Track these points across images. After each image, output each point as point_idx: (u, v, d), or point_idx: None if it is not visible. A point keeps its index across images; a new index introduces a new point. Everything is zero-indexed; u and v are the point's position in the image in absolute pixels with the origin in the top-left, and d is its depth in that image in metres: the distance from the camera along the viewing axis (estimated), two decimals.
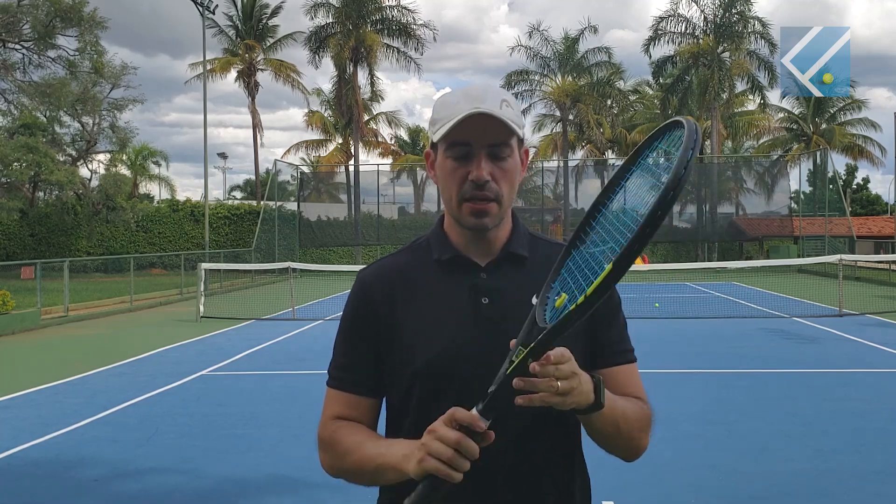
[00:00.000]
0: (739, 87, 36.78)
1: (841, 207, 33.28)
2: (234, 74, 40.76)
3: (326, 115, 45.52)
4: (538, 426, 1.43)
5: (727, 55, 35.03)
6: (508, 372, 1.22)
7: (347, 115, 37.80)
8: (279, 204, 33.74)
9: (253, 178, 50.72)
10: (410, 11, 35.71)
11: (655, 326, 13.34)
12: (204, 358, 10.83)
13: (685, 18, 35.29)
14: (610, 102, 41.10)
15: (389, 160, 49.30)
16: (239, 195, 67.95)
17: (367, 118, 42.85)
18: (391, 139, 52.18)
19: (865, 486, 5.23)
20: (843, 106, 43.29)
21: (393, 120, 48.12)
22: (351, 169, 39.21)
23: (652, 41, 35.86)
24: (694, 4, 34.94)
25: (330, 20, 35.26)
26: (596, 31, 38.59)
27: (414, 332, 1.46)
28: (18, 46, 27.79)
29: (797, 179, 45.83)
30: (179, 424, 7.11)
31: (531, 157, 36.24)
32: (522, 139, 1.49)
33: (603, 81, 39.53)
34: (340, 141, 45.50)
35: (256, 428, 6.64)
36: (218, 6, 32.30)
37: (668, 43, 35.84)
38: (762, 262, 28.07)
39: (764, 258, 34.74)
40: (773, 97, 39.25)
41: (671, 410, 7.13)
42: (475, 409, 1.22)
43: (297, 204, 36.18)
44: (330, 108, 44.16)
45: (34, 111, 29.67)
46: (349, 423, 1.49)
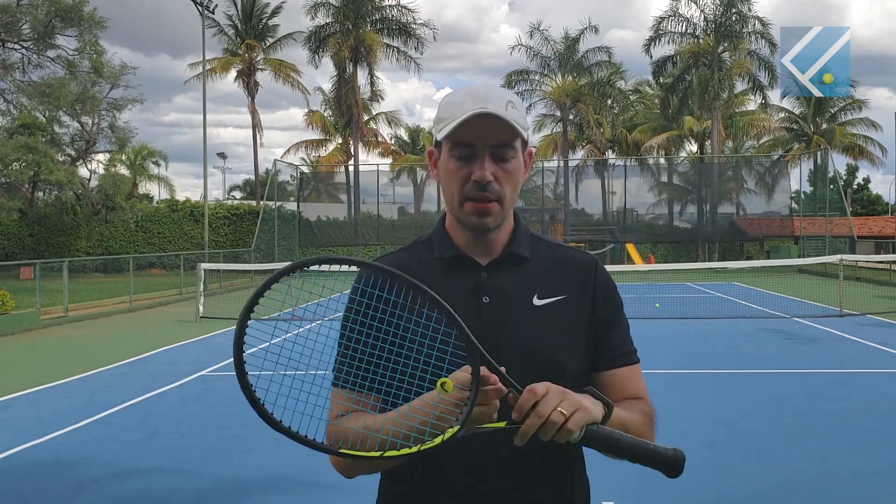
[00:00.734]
0: (740, 86, 36.81)
1: (841, 207, 33.28)
2: (233, 74, 40.79)
3: (326, 114, 45.52)
4: None
5: (727, 55, 35.03)
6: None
7: (347, 114, 37.79)
8: (279, 204, 33.74)
9: (252, 178, 50.78)
10: (410, 11, 35.74)
11: (655, 326, 13.33)
12: (204, 358, 10.83)
13: (685, 18, 35.32)
14: (610, 102, 41.10)
15: (389, 160, 49.32)
16: (238, 195, 68.02)
17: (366, 118, 42.84)
18: (391, 139, 52.22)
19: (865, 486, 5.22)
20: (843, 106, 43.27)
21: (393, 120, 48.13)
22: (351, 169, 39.22)
23: (652, 41, 35.88)
24: (694, 4, 34.97)
25: (329, 20, 35.26)
26: (596, 30, 38.59)
27: None
28: (18, 46, 27.78)
29: (798, 179, 45.93)
30: (179, 425, 7.11)
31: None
32: (526, 141, 1.49)
33: (603, 81, 39.52)
34: (340, 141, 45.49)
35: (256, 428, 6.62)
36: (217, 6, 32.33)
37: (668, 43, 35.89)
38: (762, 262, 28.06)
39: (764, 258, 34.73)
40: (773, 97, 39.31)
41: (671, 410, 7.12)
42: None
43: (296, 204, 36.20)
44: (330, 107, 44.16)
45: (33, 111, 29.65)
46: (353, 412, 1.46)
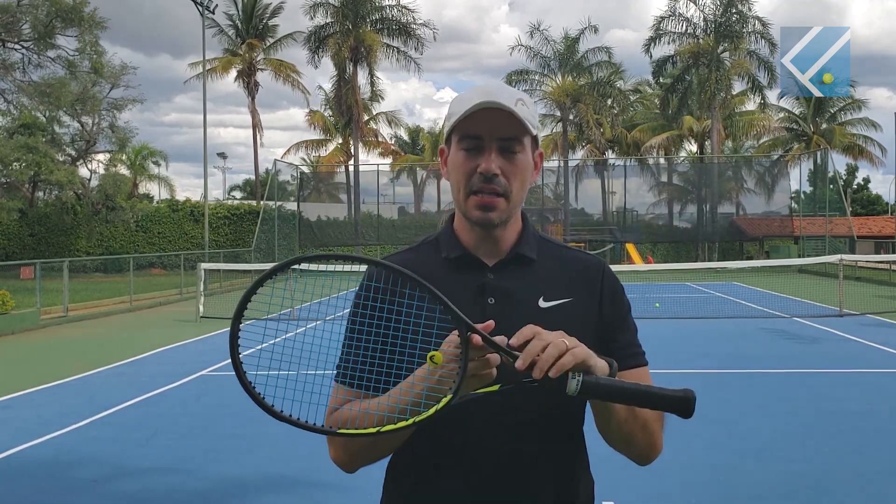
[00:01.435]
0: (740, 86, 36.81)
1: (841, 207, 33.28)
2: (234, 74, 40.78)
3: (327, 114, 45.53)
4: (541, 421, 1.43)
5: (727, 55, 35.03)
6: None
7: (347, 114, 37.78)
8: (279, 204, 33.74)
9: (253, 178, 50.76)
10: (410, 11, 35.73)
11: (655, 326, 13.32)
12: (204, 358, 10.83)
13: (685, 18, 35.31)
14: (610, 102, 41.10)
15: (389, 160, 49.32)
16: (239, 195, 68.06)
17: (366, 118, 42.85)
18: (391, 139, 52.23)
19: (865, 486, 5.22)
20: (843, 106, 43.27)
21: (393, 120, 48.13)
22: (351, 169, 39.22)
23: (652, 41, 35.88)
24: (693, 4, 34.96)
25: (329, 20, 35.25)
26: (596, 30, 38.59)
27: None
28: (18, 46, 27.79)
29: (797, 179, 45.87)
30: (179, 424, 7.11)
31: None
32: (537, 141, 1.49)
33: (603, 81, 39.53)
34: (340, 141, 45.49)
35: (256, 428, 6.63)
36: (218, 6, 32.35)
37: (668, 43, 35.88)
38: (762, 262, 28.06)
39: (764, 258, 34.74)
40: (773, 97, 39.29)
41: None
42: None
43: (296, 204, 36.19)
44: (330, 107, 44.16)
45: (34, 111, 29.66)
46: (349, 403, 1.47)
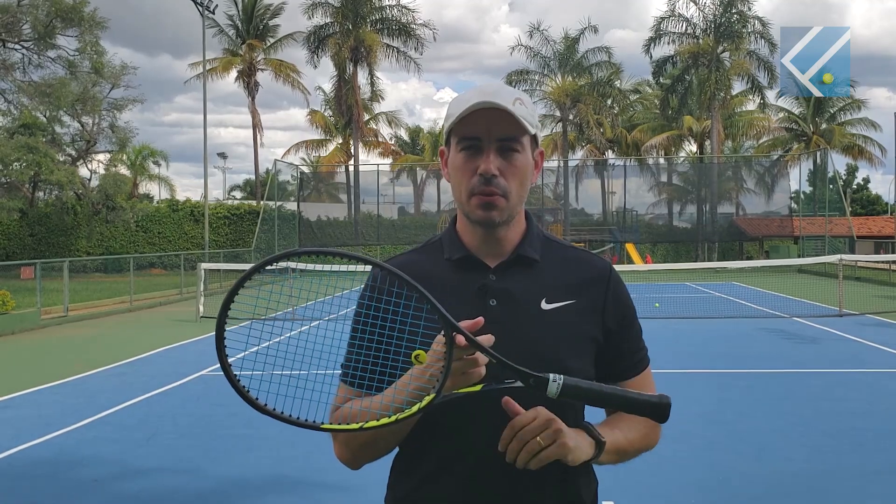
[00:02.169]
0: (739, 87, 36.81)
1: (841, 207, 33.28)
2: (234, 74, 40.76)
3: (327, 114, 45.53)
4: None
5: (727, 55, 35.03)
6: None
7: (347, 114, 37.79)
8: (279, 204, 33.74)
9: (253, 177, 50.76)
10: (410, 11, 35.74)
11: (655, 326, 13.32)
12: (204, 358, 10.83)
13: (685, 18, 35.32)
14: (610, 102, 41.10)
15: (389, 160, 49.31)
16: (239, 195, 68.03)
17: (367, 118, 42.84)
18: (391, 139, 52.20)
19: (865, 486, 5.23)
20: (843, 106, 43.26)
21: (393, 120, 48.13)
22: (351, 169, 39.21)
23: (652, 41, 35.89)
24: (693, 4, 34.96)
25: (328, 20, 35.26)
26: (596, 30, 38.65)
27: None
28: (18, 46, 27.79)
29: (797, 179, 45.92)
30: (179, 425, 7.11)
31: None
32: (537, 140, 1.49)
33: (603, 81, 39.54)
34: (341, 141, 45.49)
35: (256, 428, 6.64)
36: (218, 6, 32.32)
37: (668, 43, 35.89)
38: (762, 262, 28.07)
39: (764, 258, 34.75)
40: (772, 97, 39.29)
41: (671, 410, 7.12)
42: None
43: (296, 204, 36.18)
44: (330, 107, 44.16)
45: (34, 111, 29.65)
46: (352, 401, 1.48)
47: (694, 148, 43.32)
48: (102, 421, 7.29)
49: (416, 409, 1.28)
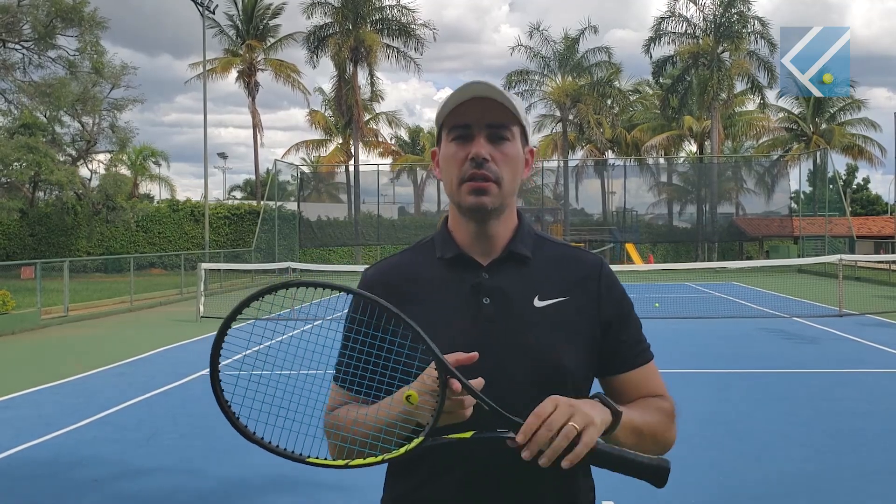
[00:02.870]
0: (739, 87, 36.80)
1: (841, 207, 33.27)
2: (234, 74, 40.76)
3: (327, 114, 45.53)
4: None
5: (727, 55, 35.03)
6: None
7: (347, 115, 37.79)
8: (279, 204, 33.73)
9: (253, 178, 50.73)
10: (410, 11, 35.73)
11: (655, 326, 13.32)
12: (204, 358, 10.78)
13: (685, 18, 35.32)
14: (610, 102, 41.10)
15: (389, 160, 49.32)
16: (239, 195, 68.03)
17: (367, 118, 42.84)
18: (391, 139, 52.21)
19: (865, 486, 5.22)
20: (842, 106, 43.26)
21: (393, 120, 48.14)
22: (351, 169, 39.22)
23: (652, 41, 35.89)
24: (693, 4, 34.96)
25: (328, 20, 35.25)
26: (596, 31, 38.67)
27: None
28: (18, 46, 27.79)
29: (797, 179, 45.92)
30: (179, 424, 7.11)
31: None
32: (526, 134, 1.50)
33: (603, 81, 39.53)
34: (341, 141, 45.49)
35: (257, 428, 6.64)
36: (218, 6, 32.33)
37: (668, 43, 35.89)
38: (762, 262, 28.07)
39: (764, 258, 34.74)
40: (772, 97, 39.30)
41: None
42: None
43: (297, 204, 36.18)
44: (330, 107, 44.15)
45: (34, 111, 29.66)
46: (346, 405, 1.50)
47: (694, 148, 43.32)
48: (102, 421, 7.29)
49: (403, 451, 1.31)
